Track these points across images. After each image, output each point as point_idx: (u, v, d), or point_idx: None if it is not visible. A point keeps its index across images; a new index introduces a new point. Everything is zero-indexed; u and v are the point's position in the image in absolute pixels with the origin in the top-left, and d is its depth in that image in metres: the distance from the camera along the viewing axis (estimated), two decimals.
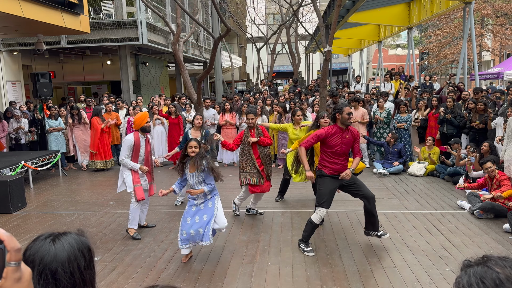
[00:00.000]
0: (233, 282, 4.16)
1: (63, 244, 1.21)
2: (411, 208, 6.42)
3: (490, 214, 5.83)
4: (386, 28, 19.25)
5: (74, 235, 1.26)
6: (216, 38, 8.94)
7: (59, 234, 1.24)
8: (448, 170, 8.11)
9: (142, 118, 5.36)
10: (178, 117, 9.65)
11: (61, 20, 8.53)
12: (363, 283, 4.06)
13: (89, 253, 1.26)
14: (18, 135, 9.85)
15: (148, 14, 13.76)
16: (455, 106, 8.71)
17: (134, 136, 5.35)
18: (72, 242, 1.23)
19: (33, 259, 1.18)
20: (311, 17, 24.95)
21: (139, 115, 5.41)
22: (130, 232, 5.44)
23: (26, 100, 12.65)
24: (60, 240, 1.22)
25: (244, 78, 35.19)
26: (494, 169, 6.05)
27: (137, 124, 5.37)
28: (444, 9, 12.98)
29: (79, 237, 1.26)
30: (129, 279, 4.28)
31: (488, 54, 35.16)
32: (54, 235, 1.24)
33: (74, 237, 1.25)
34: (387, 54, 44.95)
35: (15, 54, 13.47)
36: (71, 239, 1.24)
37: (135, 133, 5.39)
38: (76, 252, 1.22)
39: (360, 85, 15.00)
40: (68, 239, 1.23)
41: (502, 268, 1.03)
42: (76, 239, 1.25)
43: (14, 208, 6.77)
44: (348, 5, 13.15)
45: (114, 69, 16.48)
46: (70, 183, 8.86)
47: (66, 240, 1.22)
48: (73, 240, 1.24)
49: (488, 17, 30.15)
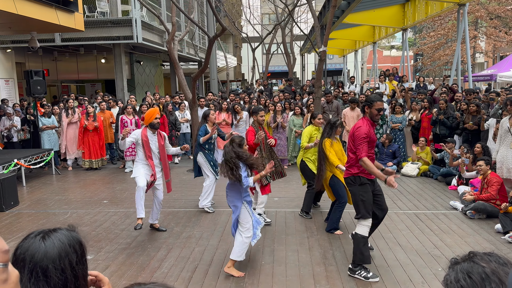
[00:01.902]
0: (226, 281, 4.16)
1: (53, 241, 1.20)
2: (404, 208, 6.46)
3: (482, 215, 5.88)
4: (381, 29, 19.32)
5: (64, 231, 1.24)
6: (211, 37, 8.93)
7: (49, 231, 1.23)
8: (441, 170, 8.16)
9: (151, 113, 5.33)
10: (162, 116, 9.60)
11: (55, 18, 8.48)
12: (356, 282, 4.08)
13: (81, 248, 1.25)
14: (10, 133, 9.77)
15: (143, 13, 13.71)
16: (447, 107, 8.77)
17: (142, 132, 5.35)
18: (62, 238, 1.22)
19: (23, 257, 1.17)
20: (306, 18, 24.99)
21: (149, 111, 5.40)
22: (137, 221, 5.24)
23: (20, 98, 12.56)
24: (50, 237, 1.21)
25: (239, 77, 35.17)
26: (484, 169, 6.07)
27: (146, 119, 5.36)
28: (438, 10, 13.07)
29: (70, 232, 1.25)
30: (122, 278, 4.27)
31: (481, 56, 35.40)
32: (44, 232, 1.22)
33: (64, 233, 1.24)
34: (382, 55, 45.13)
35: (8, 52, 13.36)
36: (62, 235, 1.23)
37: (144, 129, 5.40)
38: (67, 248, 1.21)
39: (354, 86, 15.04)
40: (59, 236, 1.22)
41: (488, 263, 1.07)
42: (66, 235, 1.23)
43: (7, 206, 6.72)
44: (343, 5, 13.19)
45: (108, 68, 16.40)
46: (63, 181, 8.81)
47: (56, 237, 1.21)
48: (63, 236, 1.22)
49: (482, 19, 30.38)
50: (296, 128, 9.30)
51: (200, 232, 5.54)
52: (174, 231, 5.62)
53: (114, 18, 12.86)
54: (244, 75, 38.84)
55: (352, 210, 6.15)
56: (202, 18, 19.31)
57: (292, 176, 8.58)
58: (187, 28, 13.19)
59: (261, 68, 25.34)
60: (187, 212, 6.42)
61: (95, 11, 13.21)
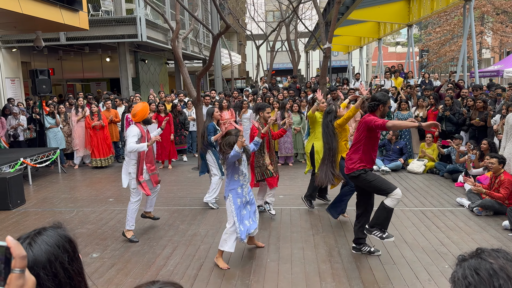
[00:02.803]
0: (232, 278, 4.16)
1: (40, 245, 1.14)
2: (410, 205, 6.42)
3: (489, 212, 5.83)
4: (386, 26, 19.22)
5: (50, 230, 1.19)
6: (215, 35, 8.92)
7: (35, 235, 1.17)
8: (448, 167, 8.10)
9: (146, 110, 5.21)
10: (168, 115, 9.60)
11: (60, 17, 8.50)
12: (362, 279, 4.06)
13: (71, 245, 1.20)
14: (17, 132, 9.83)
15: (147, 11, 13.72)
16: (454, 103, 8.70)
17: (139, 127, 5.15)
18: (49, 241, 1.16)
19: None
20: (311, 14, 24.90)
21: (142, 107, 5.19)
22: (127, 234, 5.23)
23: (26, 97, 12.62)
24: (37, 242, 1.15)
25: (244, 75, 35.14)
26: (496, 168, 5.98)
27: (141, 116, 5.17)
28: (444, 6, 12.97)
29: (56, 231, 1.20)
30: (128, 276, 4.28)
31: (488, 52, 35.14)
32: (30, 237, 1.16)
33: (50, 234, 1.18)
34: (387, 51, 44.93)
35: (14, 51, 13.43)
36: (48, 237, 1.17)
37: (137, 124, 5.18)
38: (56, 250, 1.15)
39: (359, 83, 14.98)
40: (45, 238, 1.16)
41: (495, 259, 1.06)
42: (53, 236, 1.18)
43: (13, 205, 6.76)
44: (348, 2, 13.12)
45: (113, 66, 16.44)
46: (69, 180, 8.85)
47: (43, 240, 1.15)
48: (50, 238, 1.16)
49: (488, 15, 30.13)
50: (295, 125, 9.34)
51: (206, 230, 5.54)
52: (179, 229, 5.63)
53: (119, 16, 12.88)
54: (249, 72, 38.81)
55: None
56: (206, 16, 19.29)
57: (297, 174, 8.56)
58: (191, 26, 13.18)
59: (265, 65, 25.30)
60: (192, 210, 6.43)
61: (100, 10, 13.24)
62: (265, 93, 11.79)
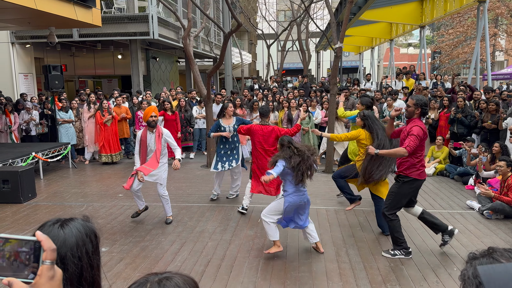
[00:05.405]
0: (239, 275, 4.18)
1: (71, 229, 1.22)
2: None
3: (500, 215, 5.77)
4: (398, 27, 19.07)
5: (80, 220, 1.26)
6: (226, 33, 8.94)
7: (66, 220, 1.25)
8: (458, 170, 8.03)
9: (146, 112, 5.43)
10: (174, 113, 9.64)
11: (73, 13, 8.59)
12: (369, 280, 4.05)
13: (96, 239, 1.27)
14: (29, 126, 9.95)
15: (160, 9, 13.79)
16: (466, 105, 8.61)
17: (142, 132, 5.50)
18: (79, 227, 1.23)
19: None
20: (323, 14, 24.82)
21: (146, 109, 5.52)
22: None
23: (39, 93, 12.78)
24: (68, 225, 1.23)
25: (254, 74, 35.14)
26: (505, 170, 5.93)
27: (144, 118, 5.53)
28: (457, 7, 12.83)
29: (85, 222, 1.27)
30: (136, 270, 4.31)
31: (501, 54, 34.70)
32: (61, 220, 1.24)
33: (81, 223, 1.26)
34: (399, 53, 44.59)
35: (27, 47, 13.60)
36: (78, 224, 1.24)
37: (144, 128, 5.53)
38: (84, 237, 1.22)
39: (370, 83, 14.90)
40: (76, 225, 1.24)
41: (508, 259, 1.04)
42: (83, 225, 1.25)
43: (25, 198, 6.85)
44: (360, 2, 13.05)
45: (125, 64, 16.57)
46: (80, 175, 8.94)
47: (74, 225, 1.23)
48: (80, 226, 1.24)
49: (503, 17, 29.75)
50: (303, 125, 9.29)
51: (214, 227, 5.57)
52: (187, 225, 5.66)
53: (131, 14, 12.97)
54: (259, 72, 38.78)
55: (365, 209, 6.11)
56: (218, 14, 19.34)
57: None
58: (203, 24, 13.21)
59: (276, 65, 25.26)
60: (200, 207, 6.46)
61: (112, 7, 13.34)
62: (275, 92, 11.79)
